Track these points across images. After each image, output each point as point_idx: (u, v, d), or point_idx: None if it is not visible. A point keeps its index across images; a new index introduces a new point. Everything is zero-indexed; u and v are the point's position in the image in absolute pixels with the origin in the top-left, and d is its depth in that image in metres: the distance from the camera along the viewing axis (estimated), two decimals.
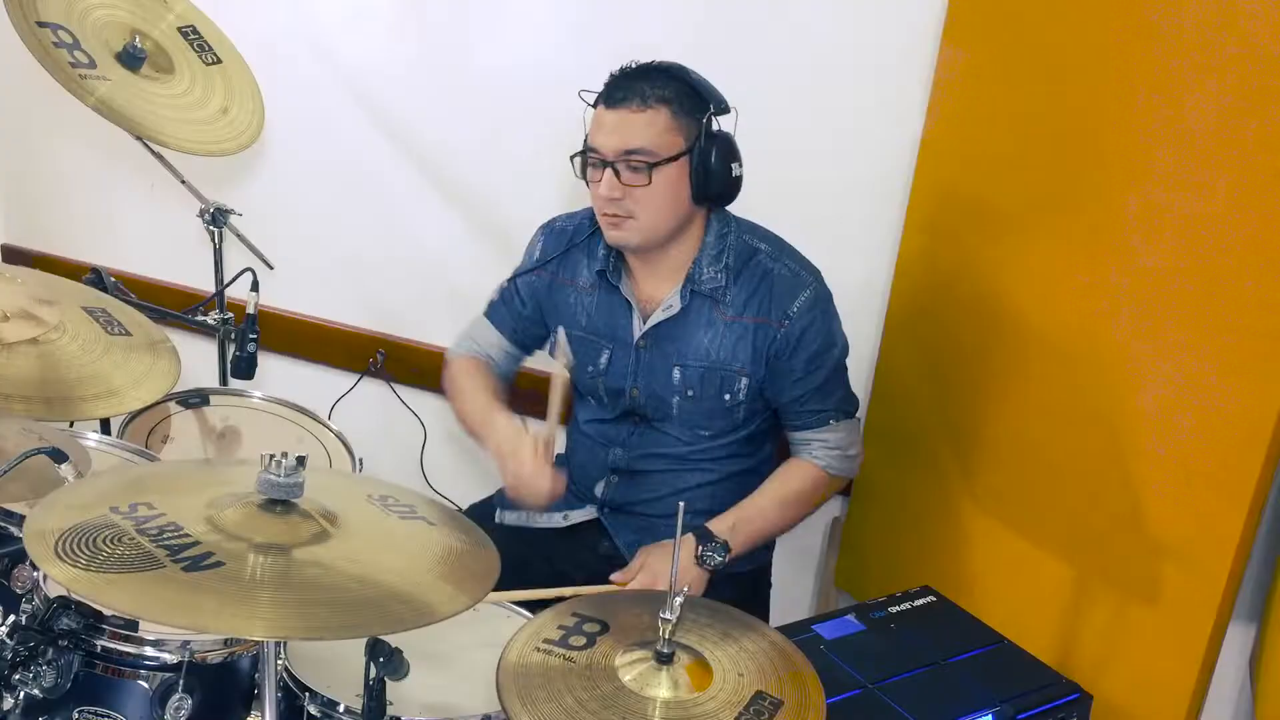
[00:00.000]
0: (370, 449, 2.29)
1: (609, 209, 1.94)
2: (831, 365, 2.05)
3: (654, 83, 1.90)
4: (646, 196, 1.91)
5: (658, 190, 1.91)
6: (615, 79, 1.93)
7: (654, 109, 1.89)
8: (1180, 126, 1.85)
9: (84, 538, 1.29)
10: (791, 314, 1.98)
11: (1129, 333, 1.95)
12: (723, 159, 1.93)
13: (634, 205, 1.92)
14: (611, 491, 2.16)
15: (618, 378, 2.09)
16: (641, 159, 1.89)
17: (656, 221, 1.95)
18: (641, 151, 1.89)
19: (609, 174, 1.91)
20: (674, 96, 1.90)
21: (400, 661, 1.43)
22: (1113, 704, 1.97)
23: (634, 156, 1.89)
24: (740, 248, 2.02)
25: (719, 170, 1.93)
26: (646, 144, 1.89)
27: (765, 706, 1.38)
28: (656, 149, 1.89)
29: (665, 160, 1.89)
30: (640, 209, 1.92)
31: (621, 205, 1.93)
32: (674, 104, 1.90)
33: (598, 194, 1.94)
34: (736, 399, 2.04)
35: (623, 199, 1.92)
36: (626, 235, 1.96)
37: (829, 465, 2.09)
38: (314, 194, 2.84)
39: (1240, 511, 1.82)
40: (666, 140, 1.90)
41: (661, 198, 1.92)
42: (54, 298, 1.82)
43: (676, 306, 2.02)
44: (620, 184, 1.91)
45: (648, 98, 1.89)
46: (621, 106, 1.89)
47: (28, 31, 2.08)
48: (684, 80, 1.92)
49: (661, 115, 1.89)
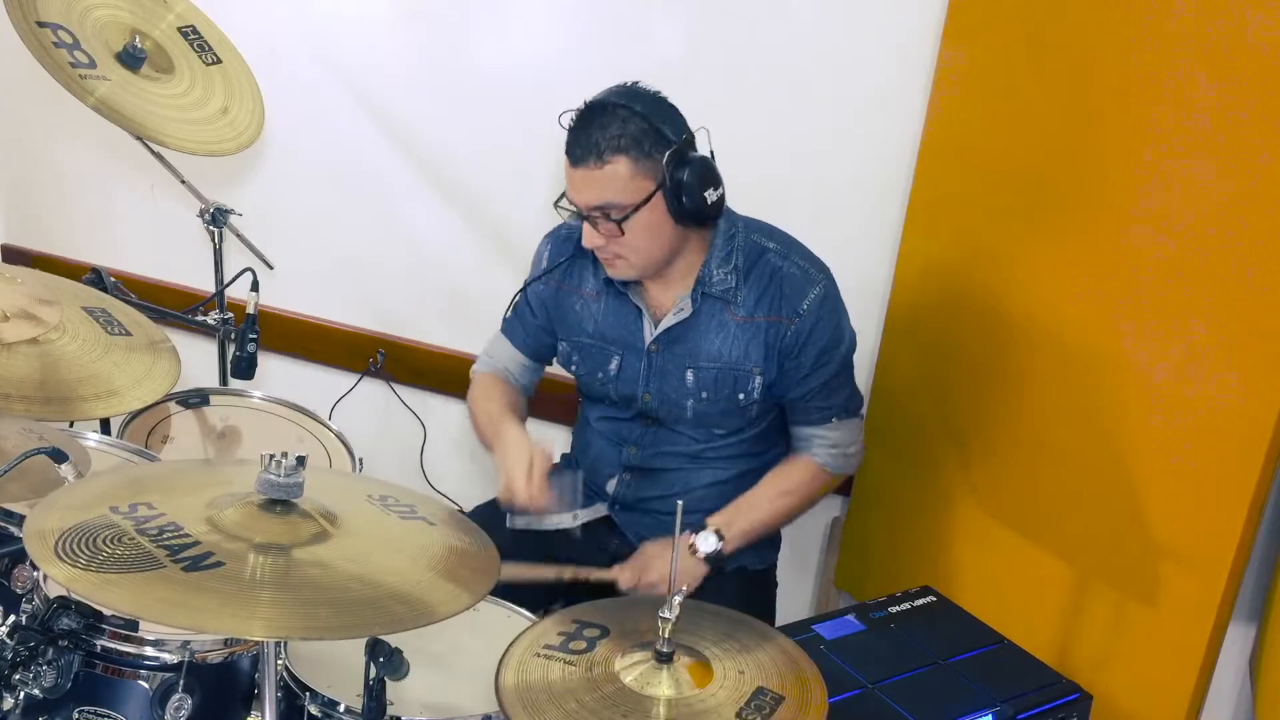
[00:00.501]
0: (370, 449, 2.29)
1: (598, 253, 1.96)
2: (839, 362, 2.05)
3: (609, 131, 1.85)
4: (626, 242, 1.92)
5: (635, 235, 1.91)
6: (572, 131, 1.89)
7: (611, 162, 1.85)
8: (1180, 126, 1.85)
9: (84, 538, 1.29)
10: (802, 311, 1.99)
11: (1129, 332, 1.95)
12: (695, 189, 1.88)
13: (619, 249, 1.93)
14: (623, 489, 2.17)
15: (629, 384, 2.09)
16: (610, 213, 1.89)
17: (645, 258, 1.96)
18: (608, 205, 1.88)
19: (587, 226, 1.92)
20: (630, 143, 1.85)
21: (400, 661, 1.43)
22: (1113, 704, 1.97)
23: (602, 211, 1.89)
24: (749, 248, 2.02)
25: (693, 200, 1.89)
26: (611, 198, 1.87)
27: (767, 701, 1.38)
28: (622, 200, 1.87)
29: (634, 209, 1.88)
30: (625, 250, 1.94)
31: (607, 250, 1.94)
32: (632, 150, 1.85)
33: (581, 242, 1.96)
34: (751, 397, 2.04)
35: (606, 245, 1.93)
36: (622, 271, 1.98)
37: (827, 463, 2.10)
38: (314, 194, 2.84)
39: (1240, 511, 1.82)
40: (631, 188, 1.87)
41: (642, 239, 1.92)
42: (54, 298, 1.82)
43: (688, 310, 2.02)
44: (598, 234, 1.92)
45: (603, 152, 1.85)
46: (581, 165, 1.87)
47: (28, 31, 2.08)
48: (641, 119, 1.86)
49: (620, 166, 1.86)
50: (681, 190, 1.87)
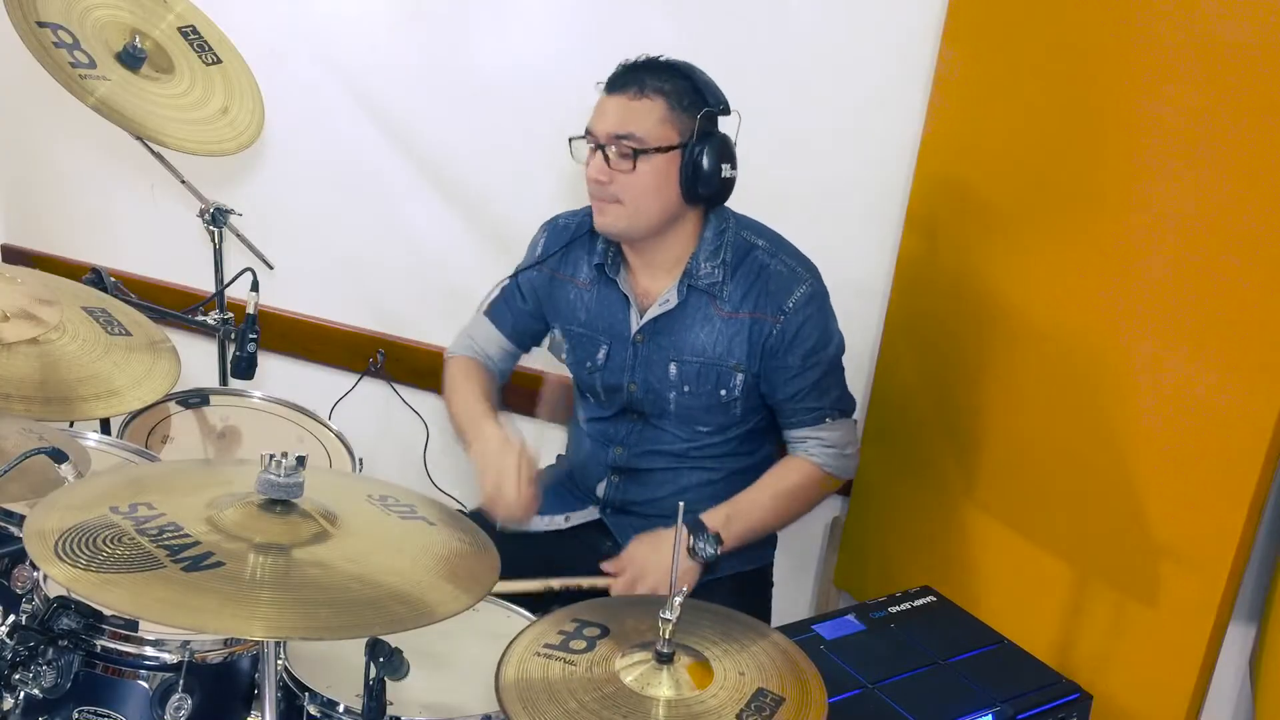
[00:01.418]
0: (370, 449, 2.29)
1: (596, 191, 1.96)
2: (827, 362, 2.05)
3: (656, 74, 1.91)
4: (631, 183, 1.92)
5: (643, 178, 1.92)
6: (621, 68, 1.94)
7: (650, 98, 1.90)
8: (1179, 125, 1.85)
9: (84, 538, 1.29)
10: (787, 309, 1.99)
11: (1128, 332, 1.95)
12: (714, 159, 1.92)
13: (619, 190, 1.93)
14: (613, 491, 2.17)
15: (615, 373, 2.10)
16: (629, 145, 1.90)
17: (640, 209, 1.95)
18: (630, 138, 1.90)
19: (598, 156, 1.93)
20: (673, 90, 1.91)
21: (400, 661, 1.43)
22: (1113, 704, 1.97)
23: (623, 142, 1.91)
24: (738, 244, 2.02)
25: (709, 170, 1.92)
26: (636, 130, 1.90)
27: (767, 703, 1.38)
28: (646, 137, 1.90)
29: (653, 150, 1.90)
30: (626, 195, 1.93)
31: (608, 190, 1.94)
32: (671, 97, 1.91)
33: (587, 175, 1.96)
34: (733, 394, 2.04)
35: (609, 183, 1.93)
36: (612, 221, 1.97)
37: (825, 463, 2.10)
38: (314, 194, 2.84)
39: (1240, 511, 1.82)
40: (658, 131, 1.91)
41: (646, 187, 1.93)
42: (54, 298, 1.82)
43: (673, 301, 2.02)
44: (608, 167, 1.92)
45: (645, 87, 1.90)
46: (620, 93, 1.92)
47: (28, 31, 2.08)
48: (687, 77, 1.93)
49: (657, 106, 1.90)
50: (702, 156, 1.91)
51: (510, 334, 2.21)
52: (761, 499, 2.08)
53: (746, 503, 2.07)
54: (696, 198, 1.96)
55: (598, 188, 1.95)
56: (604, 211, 1.97)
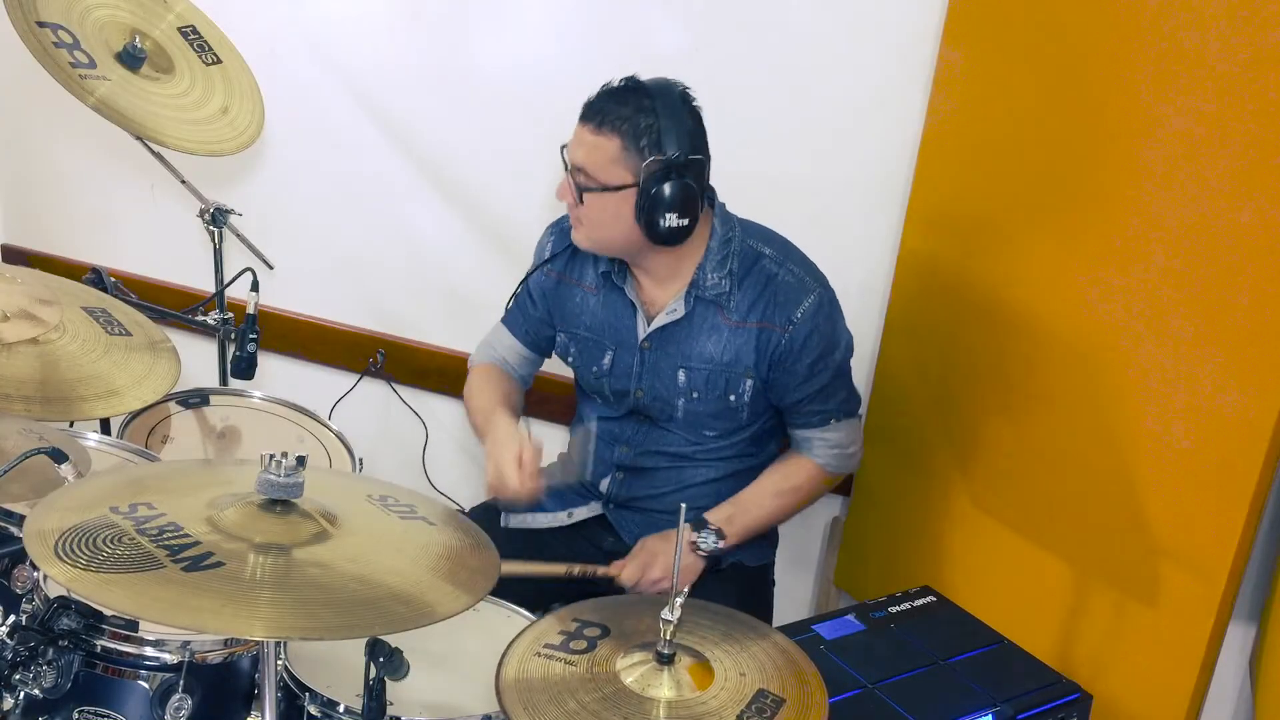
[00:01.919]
0: (370, 449, 2.29)
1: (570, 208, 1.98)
2: (834, 368, 2.05)
3: (624, 108, 1.86)
4: (584, 212, 1.94)
5: (591, 211, 1.93)
6: (601, 91, 1.92)
7: (605, 135, 1.87)
8: (1179, 126, 1.85)
9: (84, 538, 1.29)
10: (796, 319, 1.98)
11: (1128, 332, 1.95)
12: (657, 208, 1.87)
13: (580, 214, 1.96)
14: (617, 487, 2.17)
15: (622, 379, 2.10)
16: (579, 179, 1.91)
17: (598, 237, 1.97)
18: (582, 172, 1.91)
19: (566, 176, 1.94)
20: (629, 131, 1.86)
21: (400, 661, 1.43)
22: (1113, 704, 1.97)
23: (577, 174, 1.92)
24: (744, 252, 2.02)
25: (652, 215, 1.88)
26: (588, 166, 1.90)
27: (768, 704, 1.38)
28: (596, 175, 1.89)
29: (599, 189, 1.89)
30: (584, 220, 1.96)
31: (572, 211, 1.98)
32: (628, 137, 1.86)
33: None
34: (741, 400, 2.04)
35: (572, 206, 1.96)
36: (578, 238, 2.00)
37: (827, 463, 2.10)
38: (314, 194, 2.84)
39: (1240, 511, 1.82)
40: (609, 170, 1.88)
41: (598, 220, 1.94)
42: (54, 298, 1.82)
43: (680, 311, 2.02)
44: (569, 191, 1.94)
45: (604, 123, 1.87)
46: (584, 122, 1.90)
47: (28, 31, 2.08)
48: (653, 117, 1.86)
49: (611, 144, 1.87)
50: (646, 201, 1.88)
51: (525, 340, 2.21)
52: (764, 495, 2.09)
53: (749, 500, 2.08)
54: (647, 236, 1.92)
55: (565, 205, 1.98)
56: (575, 228, 2.00)
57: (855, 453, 2.14)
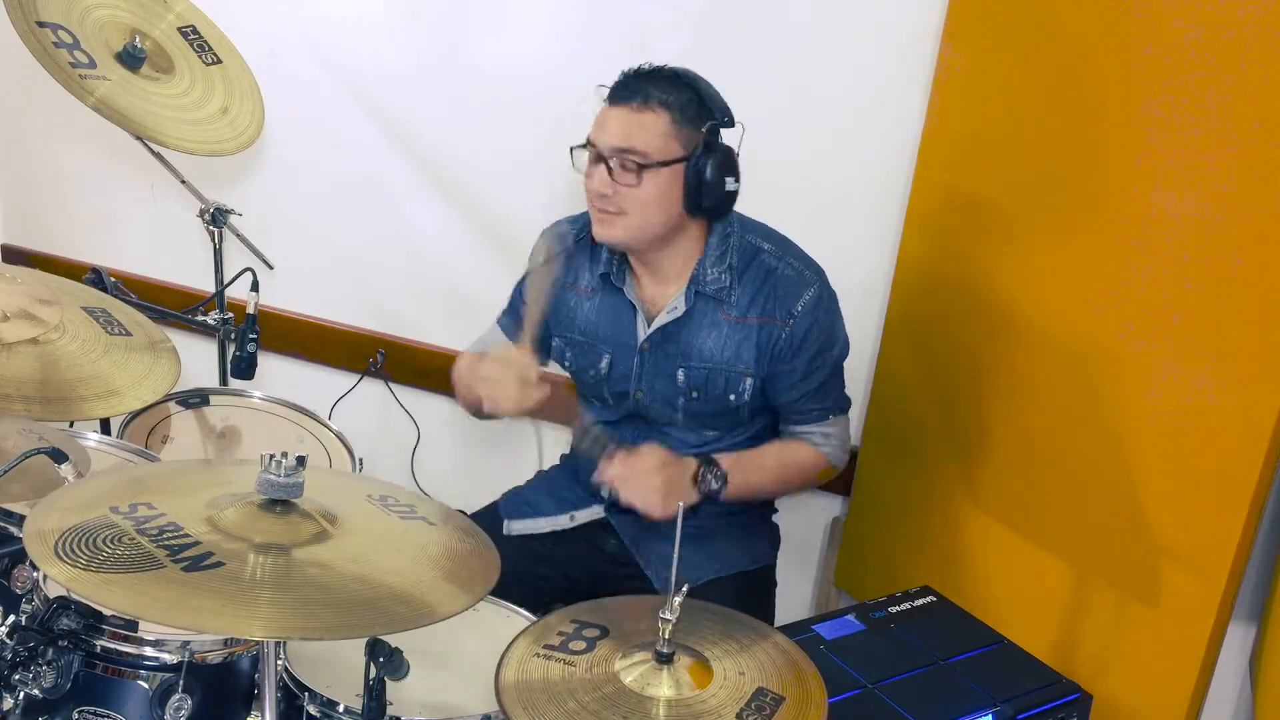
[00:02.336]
0: (370, 449, 2.29)
1: (599, 204, 1.95)
2: (832, 364, 2.05)
3: (660, 85, 1.89)
4: (635, 196, 1.91)
5: (647, 192, 1.91)
6: (625, 77, 1.92)
7: (654, 111, 1.88)
8: (1180, 126, 1.85)
9: (84, 538, 1.29)
10: (796, 313, 1.99)
11: (1128, 332, 1.95)
12: (718, 173, 1.91)
13: (623, 202, 1.93)
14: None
15: (620, 381, 2.09)
16: (634, 159, 1.89)
17: (644, 222, 1.94)
18: (634, 152, 1.89)
19: (601, 169, 1.92)
20: (677, 103, 1.89)
21: (400, 661, 1.43)
22: (1113, 704, 1.97)
23: (627, 156, 1.89)
24: (744, 248, 2.02)
25: (713, 183, 1.91)
26: (641, 145, 1.89)
27: (767, 702, 1.38)
28: (650, 151, 1.89)
29: (657, 164, 1.89)
30: (630, 206, 1.93)
31: (611, 201, 1.93)
32: (675, 110, 1.89)
33: (589, 187, 1.95)
34: (741, 399, 2.04)
35: (613, 195, 1.92)
36: (613, 232, 1.96)
37: (826, 452, 2.11)
38: (314, 194, 2.84)
39: (1240, 511, 1.82)
40: (662, 145, 1.89)
41: (650, 200, 1.92)
42: (54, 298, 1.82)
43: (681, 308, 2.02)
44: (611, 180, 1.91)
45: (650, 98, 1.88)
46: (623, 104, 1.90)
47: (28, 31, 2.08)
48: (692, 88, 1.91)
49: (661, 119, 1.89)
50: (706, 170, 1.90)
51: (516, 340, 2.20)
52: (767, 461, 2.07)
53: (753, 459, 2.06)
54: (699, 210, 1.95)
55: (601, 200, 1.94)
56: (606, 223, 1.96)
57: (848, 446, 2.15)
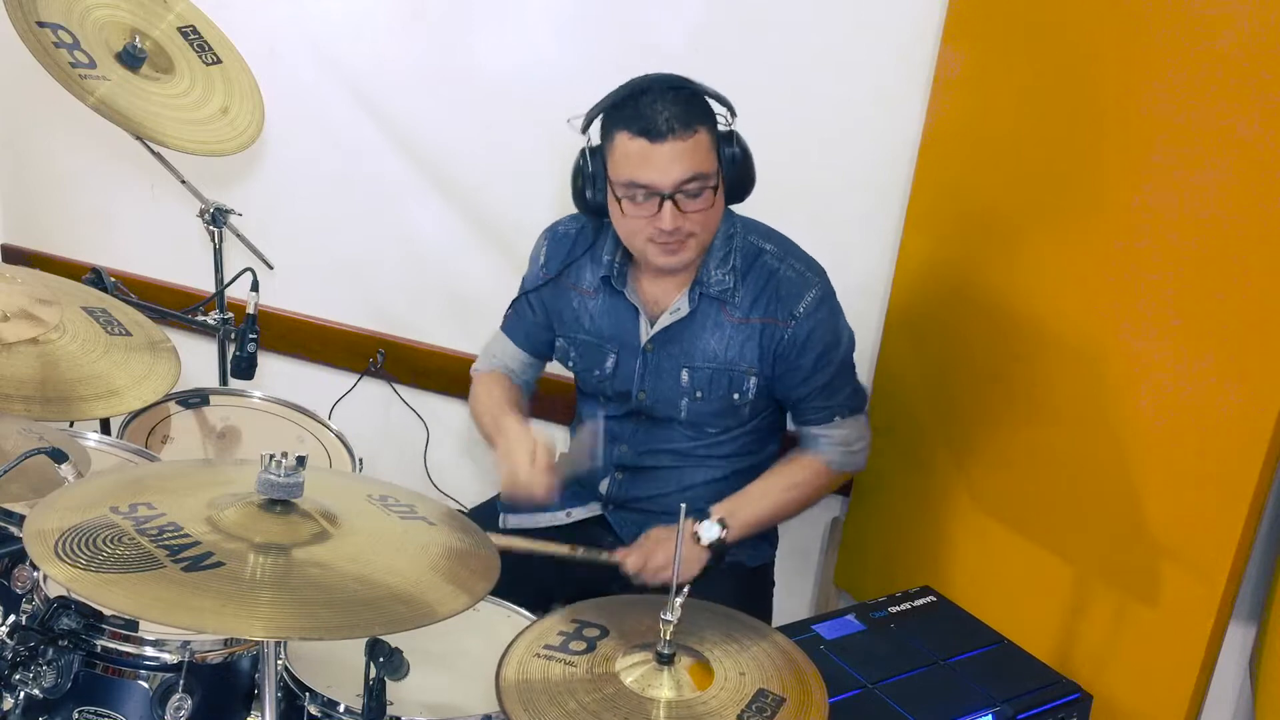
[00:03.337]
0: (370, 449, 2.29)
1: (665, 239, 1.92)
2: (838, 363, 2.05)
3: (689, 105, 1.87)
4: (706, 217, 1.93)
5: (716, 207, 1.94)
6: (643, 111, 1.86)
7: (698, 131, 1.87)
8: (1180, 125, 1.85)
9: (84, 538, 1.29)
10: (798, 314, 1.99)
11: (1129, 332, 1.95)
12: (746, 159, 1.95)
13: (693, 227, 1.92)
14: (616, 488, 2.17)
15: (624, 381, 2.10)
16: (700, 185, 1.89)
17: (709, 234, 1.97)
18: (699, 177, 1.88)
19: (669, 206, 1.88)
20: (705, 115, 1.90)
21: (400, 661, 1.43)
22: (1113, 704, 1.97)
23: (693, 184, 1.88)
24: (746, 249, 2.02)
25: (747, 170, 1.96)
26: (701, 168, 1.88)
27: (768, 704, 1.38)
28: (709, 170, 1.90)
29: (716, 178, 1.91)
30: (700, 228, 1.93)
31: (682, 231, 1.92)
32: (706, 120, 1.90)
33: (655, 226, 1.90)
34: (745, 398, 2.05)
35: (684, 224, 1.91)
36: (686, 256, 1.96)
37: (832, 460, 2.10)
38: (314, 194, 2.84)
39: (1240, 511, 1.82)
40: (711, 157, 1.90)
41: (715, 212, 1.95)
42: (54, 298, 1.82)
43: (685, 310, 2.02)
44: (680, 212, 1.89)
45: (691, 121, 1.86)
46: (670, 138, 1.85)
47: (28, 31, 2.08)
48: (699, 93, 1.91)
49: (704, 135, 1.88)
50: (737, 160, 1.93)
51: (525, 346, 2.21)
52: (769, 491, 2.08)
53: (754, 494, 2.07)
54: (738, 199, 1.98)
55: (673, 234, 1.91)
56: (676, 251, 1.94)
57: (862, 449, 2.14)
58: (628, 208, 1.92)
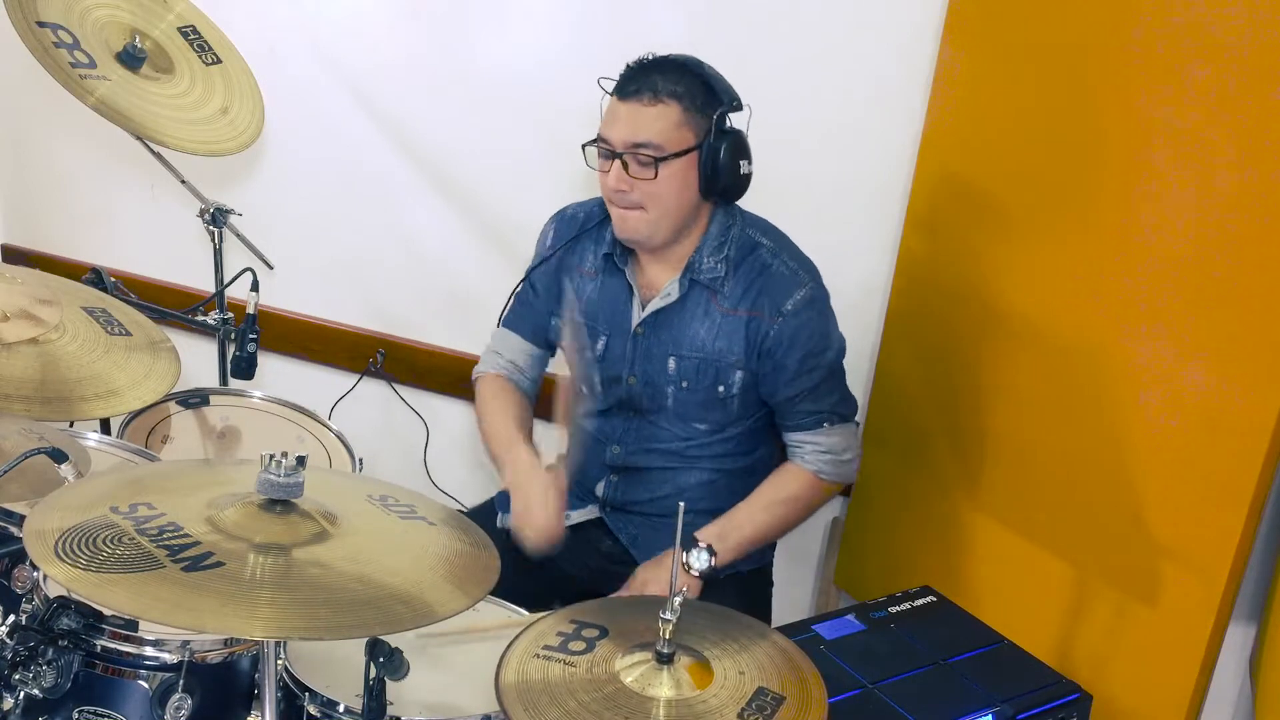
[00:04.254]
0: (370, 449, 2.29)
1: (617, 199, 1.96)
2: (825, 367, 2.04)
3: (667, 76, 1.90)
4: (653, 189, 1.92)
5: (664, 184, 1.92)
6: (630, 70, 1.93)
7: (665, 103, 1.89)
8: (1180, 125, 1.85)
9: (84, 538, 1.29)
10: (785, 311, 1.98)
11: (1129, 332, 1.95)
12: (732, 156, 1.93)
13: (642, 197, 1.94)
14: (612, 491, 2.17)
15: (615, 364, 2.10)
16: (649, 153, 1.90)
17: (663, 214, 1.95)
18: (649, 145, 1.90)
19: (617, 165, 1.92)
20: (685, 92, 1.90)
21: (400, 661, 1.43)
22: (1113, 704, 1.97)
23: (642, 150, 1.90)
24: (742, 240, 2.03)
25: (727, 167, 1.94)
26: (654, 138, 1.90)
27: (768, 702, 1.38)
28: (664, 144, 1.90)
29: (672, 155, 1.90)
30: (649, 201, 1.94)
31: (629, 197, 1.94)
32: (685, 99, 1.90)
33: (606, 184, 1.96)
34: (730, 391, 2.04)
35: (630, 191, 1.93)
36: (635, 227, 1.97)
37: (820, 470, 2.08)
38: (314, 194, 2.84)
39: (1240, 511, 1.82)
40: (675, 135, 1.90)
41: (668, 191, 1.93)
42: (54, 298, 1.82)
43: (675, 294, 2.02)
44: (628, 176, 1.92)
45: (659, 91, 1.89)
46: (633, 99, 1.90)
47: (28, 31, 2.08)
48: (698, 75, 1.92)
49: (672, 110, 1.90)
50: (720, 153, 1.92)
51: (530, 336, 2.20)
52: (756, 510, 2.07)
53: (741, 515, 2.06)
54: (715, 194, 1.97)
55: (619, 195, 1.95)
56: (626, 219, 1.97)
57: (852, 460, 2.12)
58: (599, 164, 1.96)
